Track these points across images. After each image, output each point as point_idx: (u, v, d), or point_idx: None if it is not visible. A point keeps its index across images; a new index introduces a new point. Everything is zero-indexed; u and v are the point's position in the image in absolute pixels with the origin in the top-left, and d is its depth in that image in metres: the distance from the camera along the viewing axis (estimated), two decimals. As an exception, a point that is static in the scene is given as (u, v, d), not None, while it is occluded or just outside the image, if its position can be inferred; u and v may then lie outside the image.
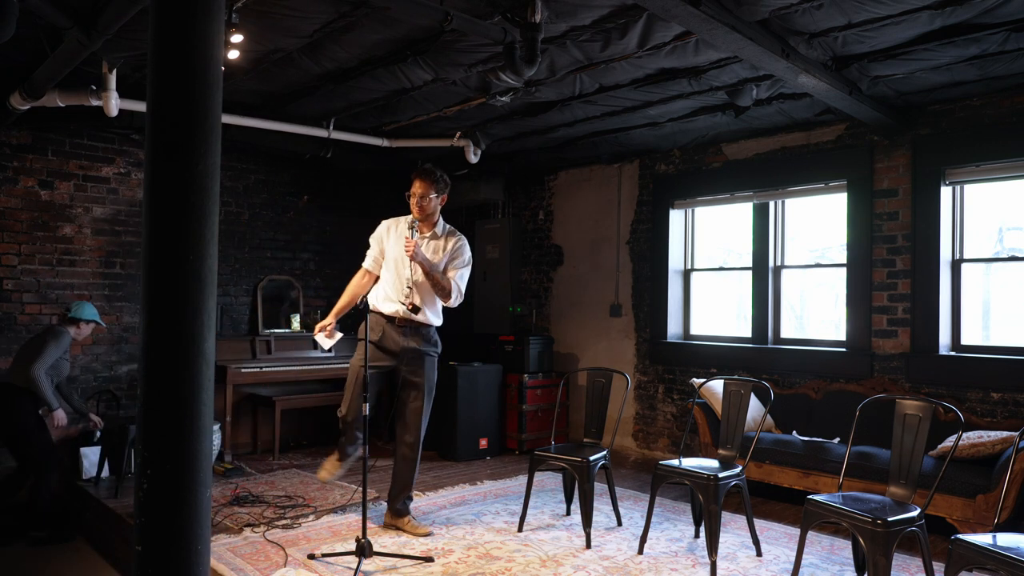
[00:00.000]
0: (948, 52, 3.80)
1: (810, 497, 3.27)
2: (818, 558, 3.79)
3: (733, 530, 4.24)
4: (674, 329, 6.24)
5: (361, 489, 3.76)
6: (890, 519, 2.95)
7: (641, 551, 3.87)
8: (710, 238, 6.30)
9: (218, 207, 2.14)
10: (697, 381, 5.08)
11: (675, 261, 6.27)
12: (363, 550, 3.53)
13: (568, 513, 4.54)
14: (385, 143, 5.83)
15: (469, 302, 7.00)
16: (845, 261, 5.21)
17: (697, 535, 4.12)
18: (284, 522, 4.25)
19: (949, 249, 4.79)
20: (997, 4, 3.26)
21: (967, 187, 4.81)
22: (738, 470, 3.75)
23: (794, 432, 4.96)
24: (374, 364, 4.00)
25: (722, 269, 6.20)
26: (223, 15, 2.15)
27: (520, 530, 4.22)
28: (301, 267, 6.92)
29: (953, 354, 4.73)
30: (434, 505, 4.72)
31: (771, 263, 5.69)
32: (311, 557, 3.68)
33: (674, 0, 2.97)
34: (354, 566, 3.52)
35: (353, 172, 7.10)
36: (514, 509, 4.45)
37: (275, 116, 5.28)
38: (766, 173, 5.58)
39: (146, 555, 1.99)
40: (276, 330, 6.51)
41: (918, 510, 3.09)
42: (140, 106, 4.59)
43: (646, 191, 6.41)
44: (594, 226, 6.81)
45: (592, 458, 4.04)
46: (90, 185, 5.64)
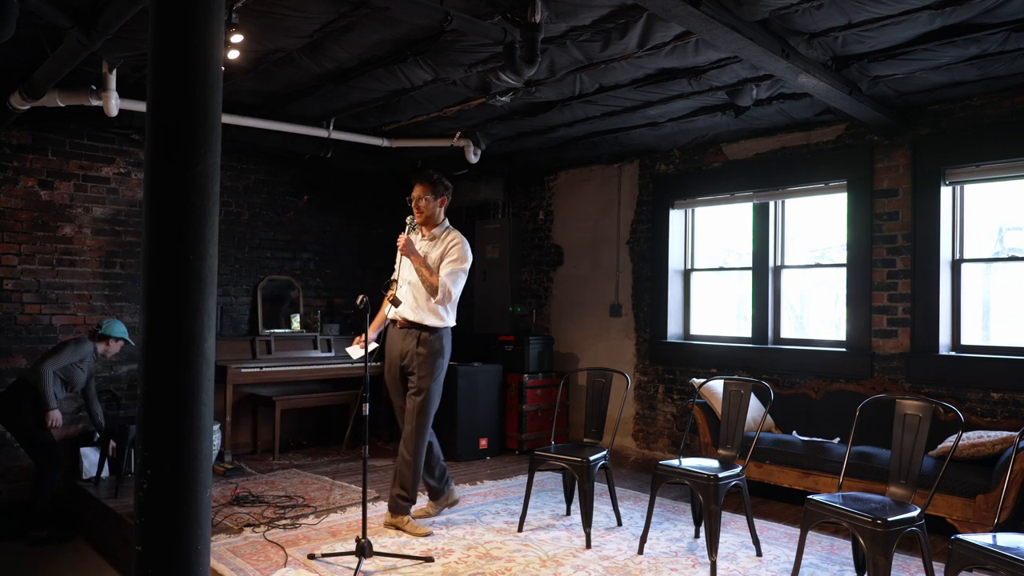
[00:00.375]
0: (948, 52, 3.80)
1: (810, 497, 3.27)
2: (818, 558, 3.80)
3: (733, 530, 4.24)
4: (674, 329, 6.24)
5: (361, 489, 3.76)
6: (890, 519, 2.95)
7: (641, 551, 3.87)
8: (710, 238, 6.30)
9: (218, 207, 2.14)
10: (697, 381, 5.08)
11: (675, 261, 6.27)
12: (363, 550, 3.53)
13: (568, 513, 4.54)
14: (385, 143, 5.83)
15: (469, 302, 7.02)
16: (845, 261, 5.21)
17: (697, 535, 4.12)
18: (284, 522, 4.25)
19: (949, 249, 4.79)
20: (997, 4, 3.26)
21: (967, 187, 4.81)
22: (738, 470, 3.75)
23: (794, 432, 4.96)
24: (391, 367, 4.28)
25: (722, 269, 6.20)
26: (223, 15, 2.15)
27: (520, 530, 4.22)
28: (301, 267, 6.92)
29: (953, 354, 4.73)
30: (434, 505, 4.72)
31: (771, 263, 5.69)
32: (311, 557, 3.68)
33: (674, 0, 2.96)
34: (354, 566, 3.52)
35: (353, 172, 7.10)
36: (514, 509, 4.45)
37: (275, 116, 5.28)
38: (766, 173, 5.58)
39: (146, 555, 1.99)
40: (276, 330, 6.51)
41: (918, 510, 3.09)
42: (140, 106, 4.59)
43: (646, 191, 6.41)
44: (594, 226, 6.81)
45: (592, 458, 4.04)
46: (90, 185, 5.64)
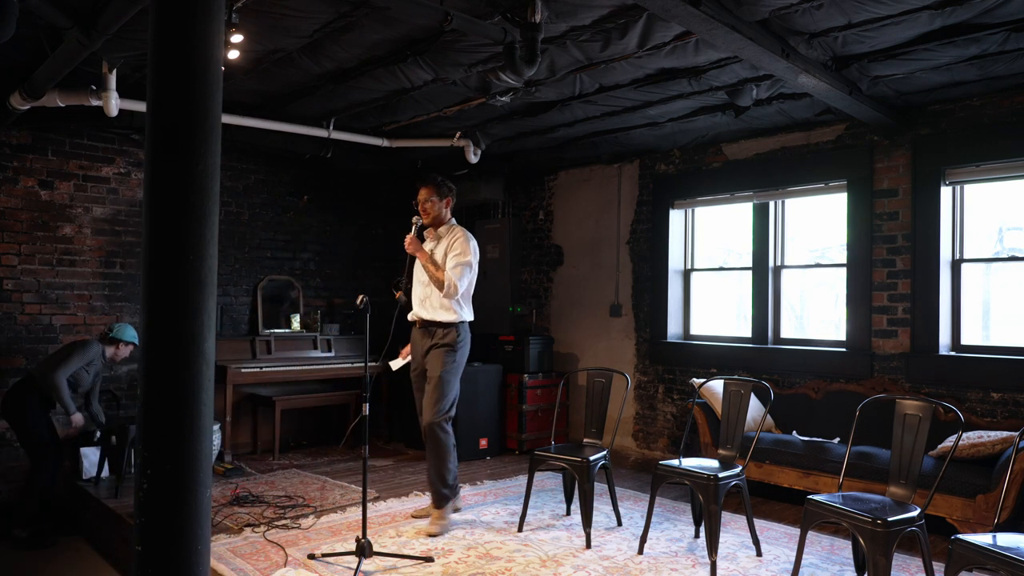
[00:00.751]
0: (948, 52, 3.80)
1: (810, 497, 3.27)
2: (818, 558, 3.79)
3: (733, 530, 4.24)
4: (674, 329, 6.24)
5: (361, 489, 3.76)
6: (890, 519, 2.95)
7: (641, 551, 3.87)
8: (710, 238, 6.30)
9: (218, 207, 2.14)
10: (697, 381, 5.08)
11: (675, 261, 6.27)
12: (363, 550, 3.53)
13: (568, 513, 4.54)
14: (385, 143, 5.83)
15: (469, 302, 7.03)
16: (845, 261, 5.21)
17: (697, 535, 4.12)
18: (284, 522, 4.25)
19: (949, 249, 4.79)
20: (997, 4, 3.26)
21: (967, 187, 4.81)
22: (738, 470, 3.75)
23: (794, 432, 4.96)
24: (416, 367, 4.40)
25: (722, 269, 6.20)
26: (223, 15, 2.15)
27: (520, 530, 4.22)
28: (301, 267, 6.92)
29: (953, 354, 4.73)
30: (434, 505, 4.72)
31: (771, 263, 5.69)
32: (311, 557, 3.68)
33: (674, 0, 2.96)
34: (354, 566, 3.52)
35: (353, 172, 7.10)
36: (514, 509, 4.45)
37: (275, 116, 5.28)
38: (766, 173, 5.58)
39: (146, 555, 1.99)
40: (276, 330, 6.51)
41: (918, 510, 3.09)
42: (140, 106, 4.59)
43: (646, 191, 6.41)
44: (594, 226, 6.81)
45: (592, 458, 4.04)
46: (90, 185, 5.64)
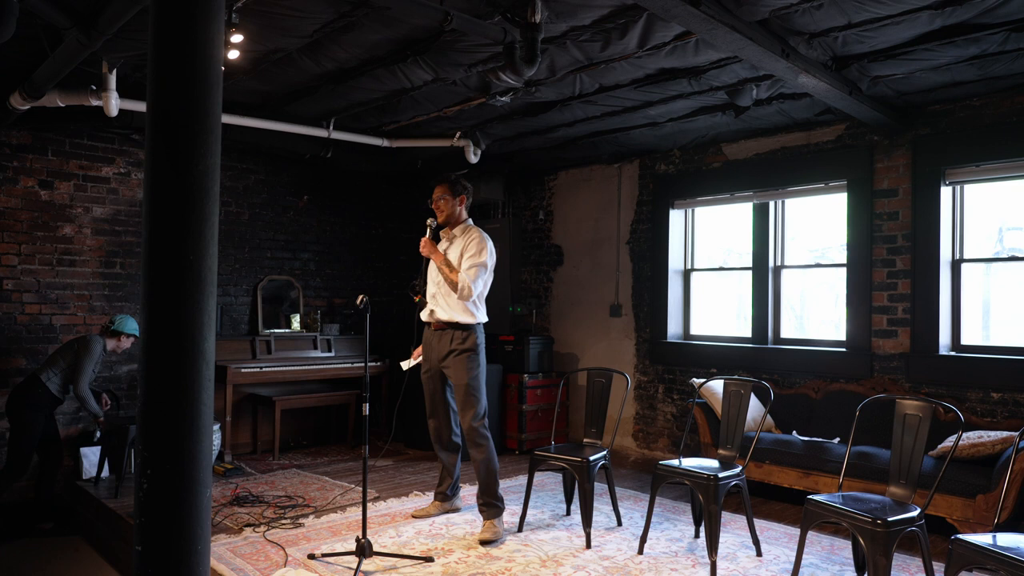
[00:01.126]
0: (948, 52, 3.80)
1: (810, 497, 3.27)
2: (818, 558, 3.79)
3: (733, 530, 4.24)
4: (674, 329, 6.24)
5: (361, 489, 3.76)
6: (890, 519, 2.95)
7: (641, 551, 3.87)
8: (710, 238, 6.30)
9: (218, 207, 2.14)
10: (697, 381, 5.08)
11: (675, 261, 6.27)
12: (363, 550, 3.53)
13: (568, 513, 4.54)
14: (385, 143, 5.82)
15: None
16: (845, 261, 5.21)
17: (697, 535, 4.12)
18: (284, 522, 4.25)
19: (949, 249, 4.79)
20: (997, 4, 3.26)
21: (967, 187, 4.81)
22: (738, 470, 3.75)
23: (794, 432, 4.96)
24: (431, 370, 4.34)
25: (722, 269, 6.20)
26: (223, 15, 2.15)
27: (520, 530, 4.22)
28: (301, 267, 6.91)
29: (953, 354, 4.73)
30: (434, 505, 4.72)
31: (771, 263, 5.69)
32: (311, 557, 3.68)
33: (674, 0, 2.97)
34: (354, 566, 3.52)
35: (353, 172, 7.10)
36: (514, 509, 4.45)
37: (275, 116, 5.27)
38: (766, 173, 5.58)
39: (146, 555, 1.99)
40: (276, 330, 6.51)
41: (918, 510, 3.09)
42: (140, 106, 4.59)
43: (646, 191, 6.41)
44: (594, 226, 6.81)
45: (592, 458, 4.04)
46: (90, 185, 5.64)
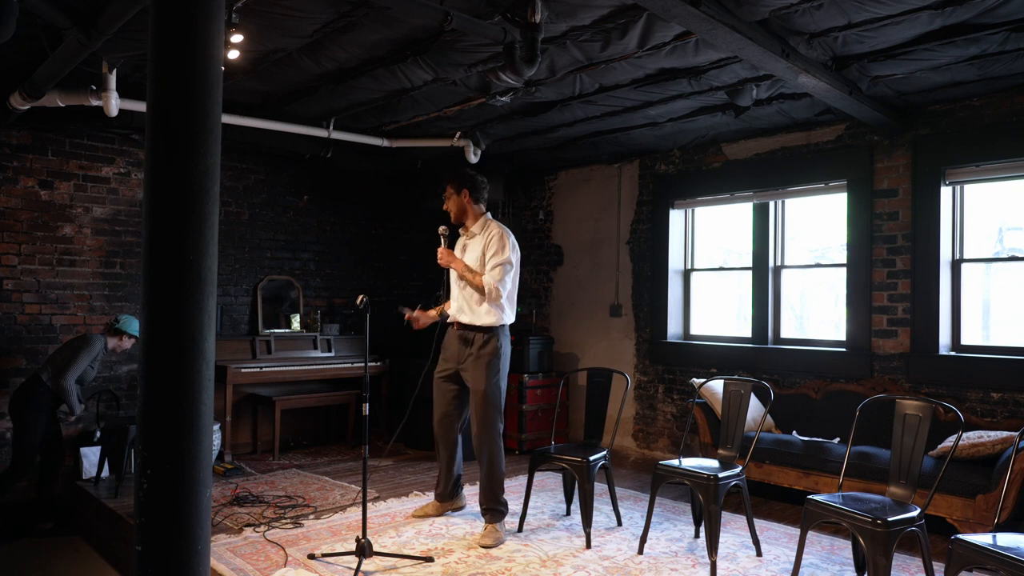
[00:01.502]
0: (948, 52, 3.80)
1: (810, 497, 3.27)
2: (818, 558, 3.79)
3: (733, 530, 4.24)
4: (674, 329, 6.24)
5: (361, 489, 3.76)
6: (890, 519, 2.95)
7: (641, 551, 3.87)
8: (710, 238, 6.30)
9: (218, 207, 2.14)
10: (697, 381, 5.08)
11: (675, 261, 6.27)
12: (363, 550, 3.53)
13: (568, 513, 4.54)
14: (385, 143, 5.82)
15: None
16: (845, 261, 5.21)
17: (697, 535, 4.12)
18: (284, 522, 4.25)
19: (949, 249, 4.79)
20: (997, 4, 3.26)
21: (967, 187, 4.81)
22: (738, 470, 3.75)
23: (794, 432, 4.96)
24: (446, 370, 4.27)
25: (722, 269, 6.20)
26: (223, 15, 2.15)
27: (520, 530, 4.22)
28: (301, 267, 6.91)
29: (953, 354, 4.73)
30: (434, 505, 4.71)
31: (771, 263, 5.69)
32: (311, 557, 3.68)
33: (674, 0, 2.97)
34: (354, 566, 3.52)
35: (353, 172, 7.10)
36: (514, 509, 4.45)
37: (275, 116, 5.27)
38: (766, 173, 5.58)
39: (146, 555, 1.99)
40: (276, 330, 6.51)
41: (918, 510, 3.09)
42: (140, 106, 4.59)
43: (646, 191, 6.41)
44: (594, 226, 6.81)
45: (592, 458, 4.04)
46: (90, 185, 5.64)
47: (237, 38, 3.51)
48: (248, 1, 3.25)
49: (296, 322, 6.65)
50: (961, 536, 2.73)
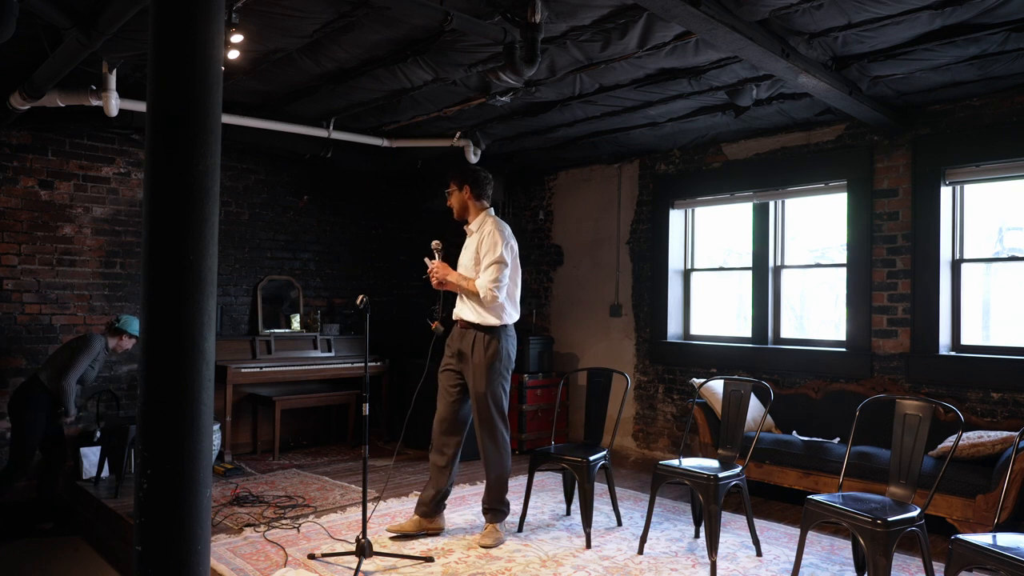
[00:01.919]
0: (948, 52, 3.80)
1: (810, 497, 3.27)
2: (818, 558, 3.79)
3: (733, 530, 4.24)
4: (674, 329, 6.24)
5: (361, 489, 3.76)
6: (890, 519, 2.95)
7: (641, 551, 3.87)
8: (710, 238, 6.30)
9: (218, 207, 2.14)
10: (697, 381, 5.08)
11: (675, 261, 6.27)
12: (363, 550, 3.53)
13: (568, 513, 4.54)
14: (385, 143, 5.82)
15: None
16: (845, 261, 5.21)
17: (697, 535, 4.12)
18: (284, 522, 4.25)
19: (949, 249, 4.79)
20: (997, 4, 3.26)
21: (967, 187, 4.81)
22: (738, 470, 3.75)
23: (794, 432, 4.96)
24: (445, 364, 4.14)
25: (722, 269, 6.20)
26: (223, 15, 2.15)
27: (520, 530, 4.22)
28: (301, 267, 6.91)
29: (953, 354, 4.73)
30: (434, 505, 4.71)
31: (771, 263, 5.69)
32: (311, 557, 3.68)
33: (674, 0, 2.97)
34: (354, 566, 3.52)
35: (353, 172, 7.10)
36: (514, 509, 4.45)
37: (275, 116, 5.27)
38: (766, 173, 5.58)
39: (146, 555, 1.99)
40: (276, 330, 6.51)
41: (918, 510, 3.09)
42: (140, 106, 4.59)
43: (646, 191, 6.41)
44: (594, 226, 6.81)
45: (592, 458, 4.04)
46: (90, 185, 5.64)
47: (237, 38, 3.51)
48: (248, 1, 3.25)
49: (296, 322, 6.65)
50: (961, 536, 2.73)
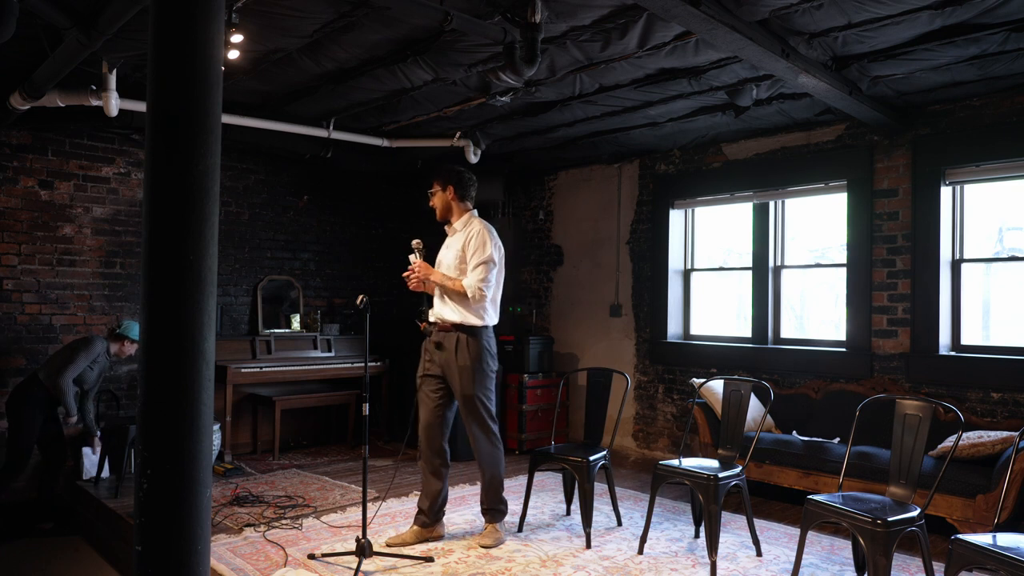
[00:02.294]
0: (948, 52, 3.81)
1: (810, 497, 3.27)
2: (818, 558, 3.79)
3: (733, 530, 4.24)
4: (674, 329, 6.24)
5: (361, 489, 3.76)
6: (890, 519, 2.95)
7: (641, 551, 3.87)
8: (710, 238, 6.30)
9: (218, 207, 2.14)
10: (697, 381, 5.08)
11: (675, 261, 6.27)
12: (363, 550, 3.53)
13: (568, 513, 4.54)
14: (385, 143, 5.82)
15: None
16: (845, 261, 5.21)
17: (697, 535, 4.12)
18: (284, 522, 4.25)
19: (949, 249, 4.79)
20: (997, 4, 3.26)
21: (967, 187, 4.81)
22: (738, 470, 3.75)
23: (794, 432, 4.96)
24: (424, 369, 4.07)
25: (722, 269, 6.20)
26: (223, 15, 2.15)
27: (520, 530, 4.22)
28: (301, 267, 6.91)
29: (953, 354, 4.73)
30: (434, 505, 4.71)
31: (771, 263, 5.69)
32: (311, 557, 3.68)
33: (674, 0, 2.97)
34: (354, 566, 3.52)
35: (353, 172, 7.10)
36: (514, 509, 4.45)
37: (275, 116, 5.27)
38: (766, 173, 5.58)
39: (146, 555, 1.99)
40: (276, 330, 6.51)
41: (918, 510, 3.09)
42: (140, 106, 4.59)
43: (646, 191, 6.41)
44: (594, 226, 6.81)
45: (592, 458, 4.04)
46: (90, 185, 5.64)
47: (237, 38, 3.51)
48: (248, 1, 3.25)
49: (296, 322, 6.65)
50: (961, 536, 2.73)
